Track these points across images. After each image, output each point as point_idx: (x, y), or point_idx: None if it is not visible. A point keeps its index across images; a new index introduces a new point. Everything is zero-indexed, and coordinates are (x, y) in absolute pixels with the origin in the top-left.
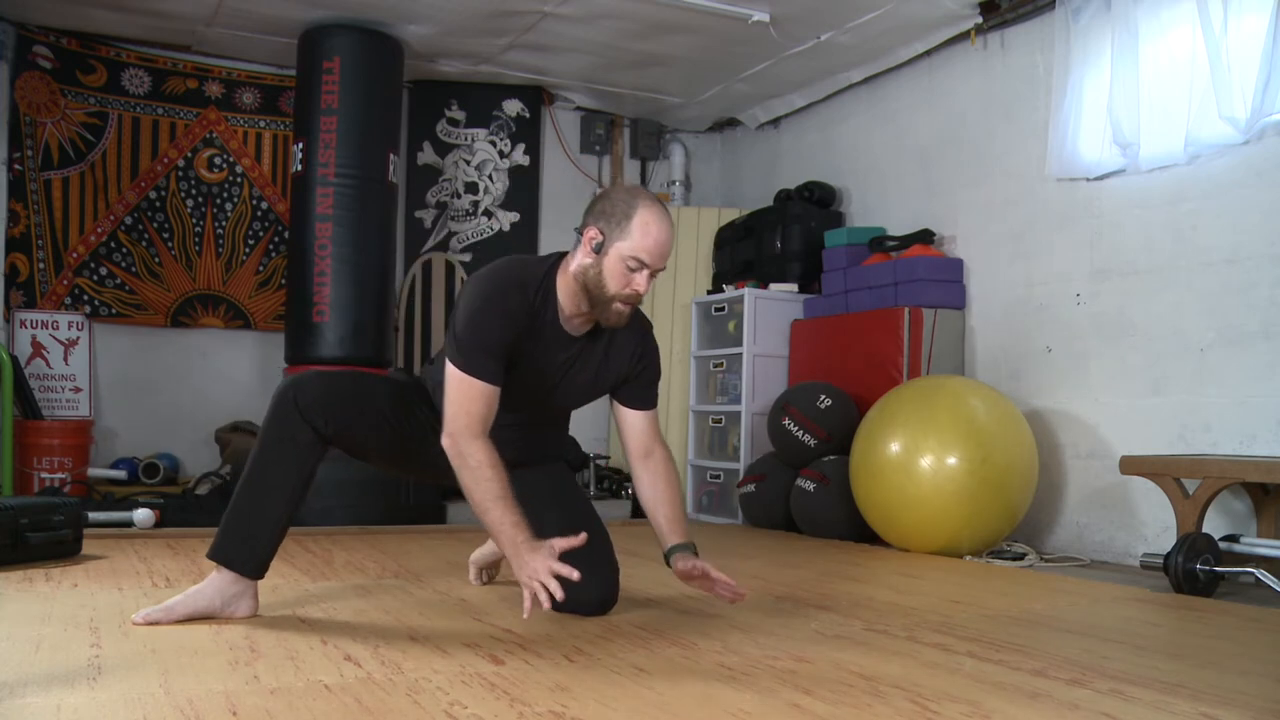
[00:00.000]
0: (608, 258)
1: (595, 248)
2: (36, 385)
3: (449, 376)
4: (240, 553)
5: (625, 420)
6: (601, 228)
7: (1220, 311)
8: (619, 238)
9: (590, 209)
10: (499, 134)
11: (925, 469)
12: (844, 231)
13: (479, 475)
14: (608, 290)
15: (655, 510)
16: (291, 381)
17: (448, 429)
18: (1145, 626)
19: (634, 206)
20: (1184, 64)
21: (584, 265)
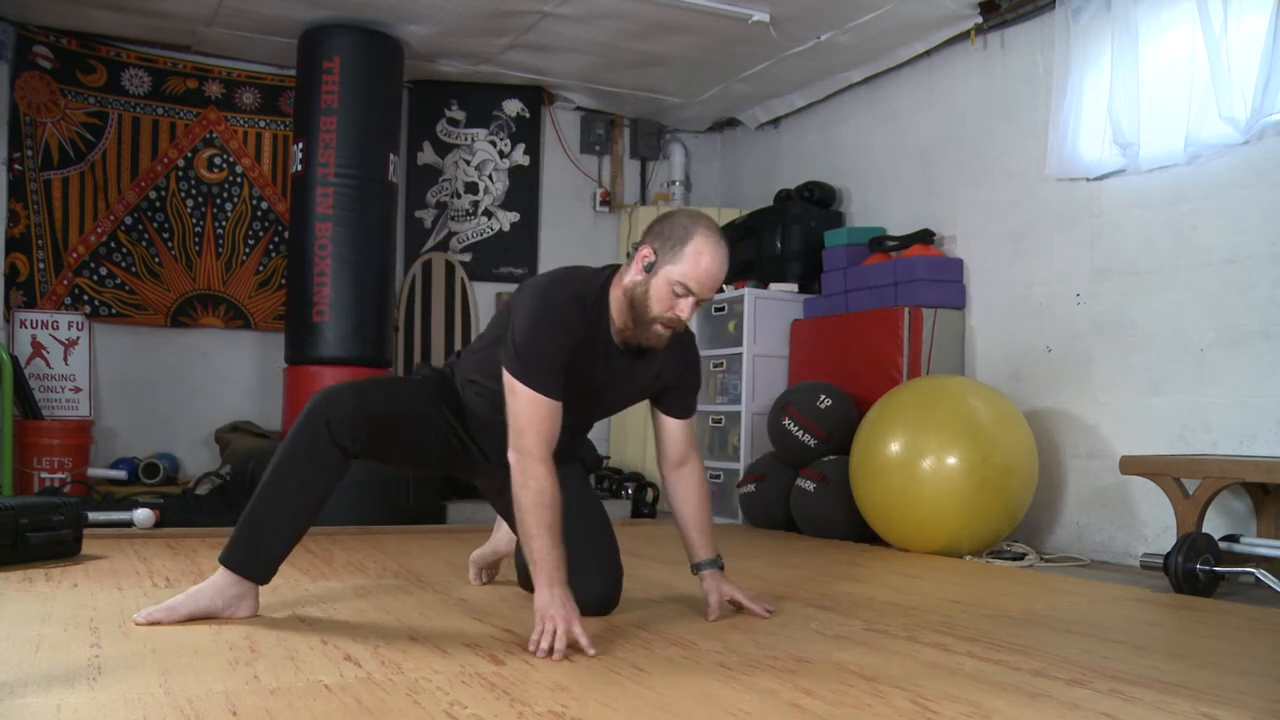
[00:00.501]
0: (656, 278)
1: (646, 266)
2: (36, 385)
3: (514, 392)
4: (250, 559)
5: (664, 427)
6: (656, 248)
7: (1220, 311)
8: (670, 261)
9: (648, 230)
10: (499, 134)
11: (925, 469)
12: (844, 231)
13: (539, 501)
14: (651, 310)
15: (687, 522)
16: (324, 399)
17: (515, 445)
18: (1145, 626)
19: (691, 233)
20: (1184, 64)
21: (634, 282)
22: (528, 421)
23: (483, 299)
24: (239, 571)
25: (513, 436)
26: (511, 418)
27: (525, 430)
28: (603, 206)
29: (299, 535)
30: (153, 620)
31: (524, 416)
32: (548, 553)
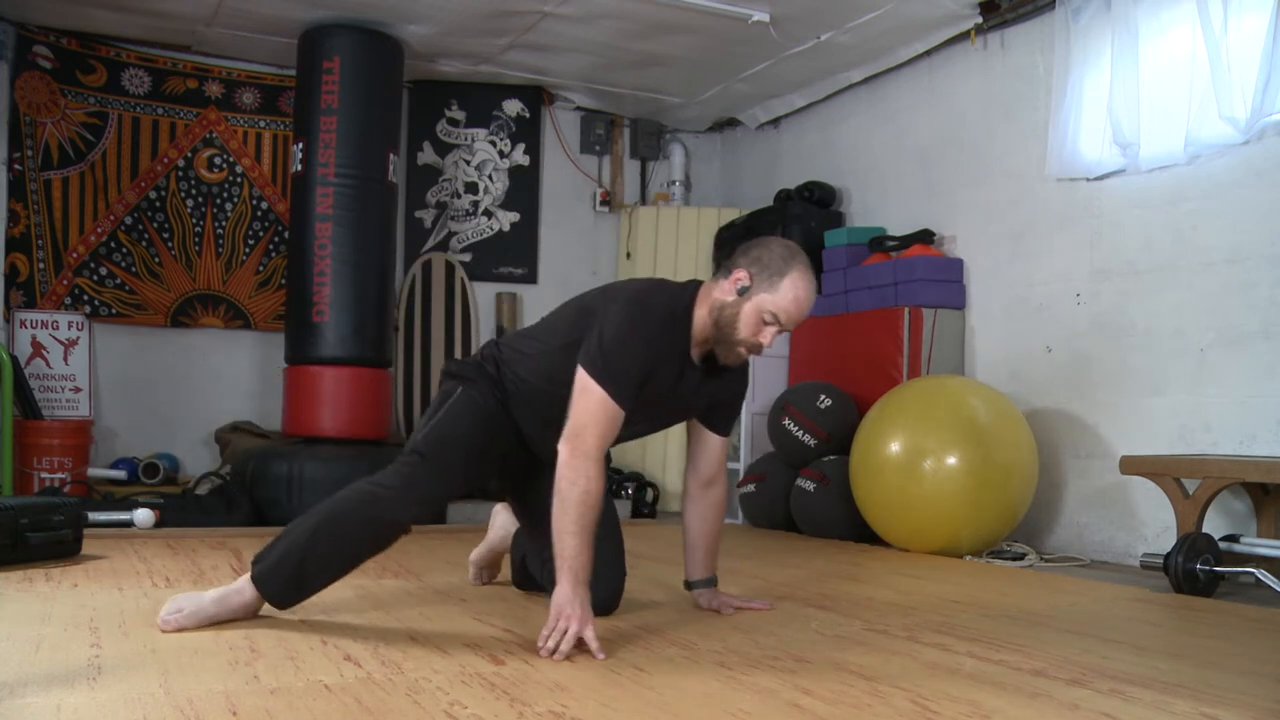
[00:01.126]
0: (749, 304)
1: (740, 290)
2: (36, 385)
3: (587, 389)
4: (284, 592)
5: (704, 442)
6: (753, 273)
7: (1220, 311)
8: (766, 290)
9: (745, 251)
10: (499, 134)
11: (925, 469)
12: (844, 231)
13: (584, 501)
14: (737, 333)
15: (698, 542)
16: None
17: (572, 441)
18: (1145, 626)
19: (790, 266)
20: (1184, 64)
21: (724, 302)
22: (593, 421)
23: (483, 299)
24: (269, 598)
25: (572, 430)
26: (576, 413)
27: (588, 428)
28: (603, 206)
29: (337, 580)
30: (181, 627)
31: (590, 415)
32: (579, 552)
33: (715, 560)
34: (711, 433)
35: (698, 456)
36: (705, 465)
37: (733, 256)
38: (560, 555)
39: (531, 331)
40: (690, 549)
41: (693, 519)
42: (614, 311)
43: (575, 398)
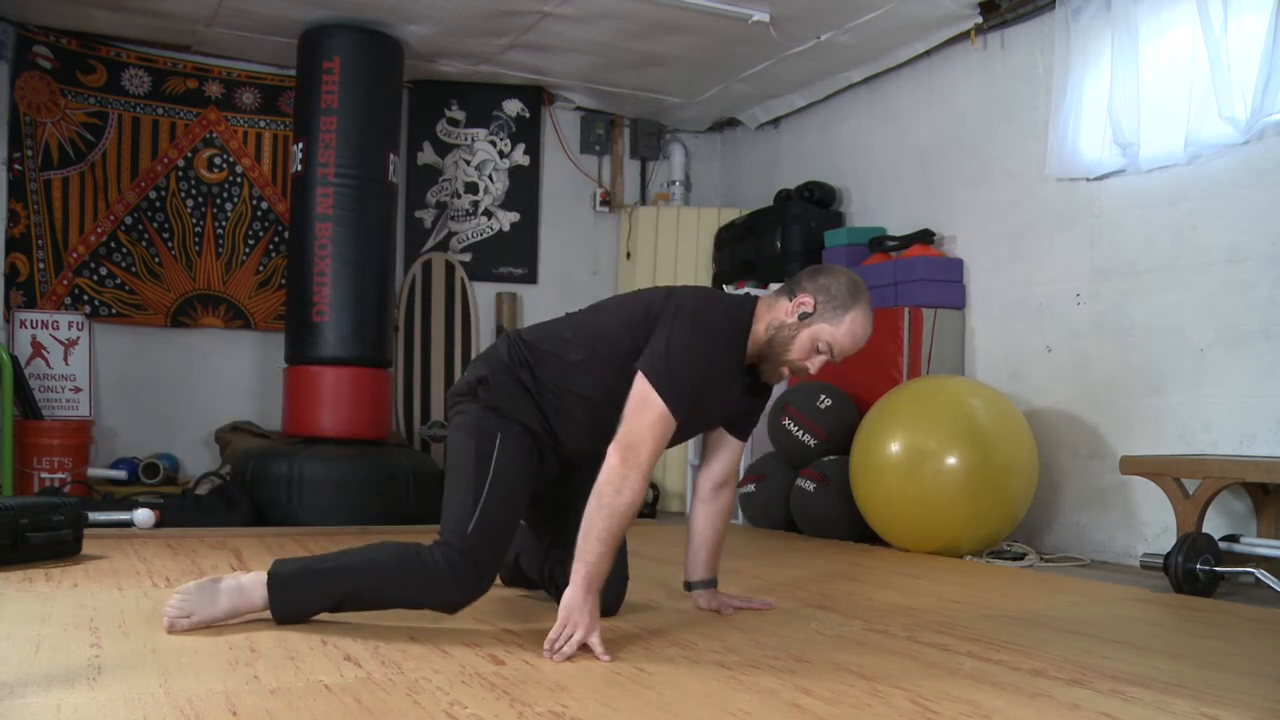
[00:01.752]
0: (807, 330)
1: (801, 315)
2: (36, 385)
3: (647, 400)
4: (292, 616)
5: (725, 445)
6: (818, 301)
7: (1220, 311)
8: (828, 320)
9: (814, 277)
10: (499, 134)
11: (925, 469)
12: (844, 231)
13: (624, 514)
14: (789, 355)
15: (703, 544)
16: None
17: (625, 452)
18: (1145, 626)
19: (856, 301)
20: (1184, 64)
21: (782, 323)
22: (650, 434)
23: (483, 299)
24: (277, 617)
25: (627, 440)
26: (635, 424)
27: (644, 441)
28: (603, 206)
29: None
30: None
31: (648, 428)
32: (601, 560)
33: (717, 563)
34: (734, 437)
35: (715, 459)
36: (721, 468)
37: (798, 279)
38: (582, 557)
39: (571, 334)
40: (694, 550)
41: (701, 520)
42: (682, 324)
43: (634, 407)
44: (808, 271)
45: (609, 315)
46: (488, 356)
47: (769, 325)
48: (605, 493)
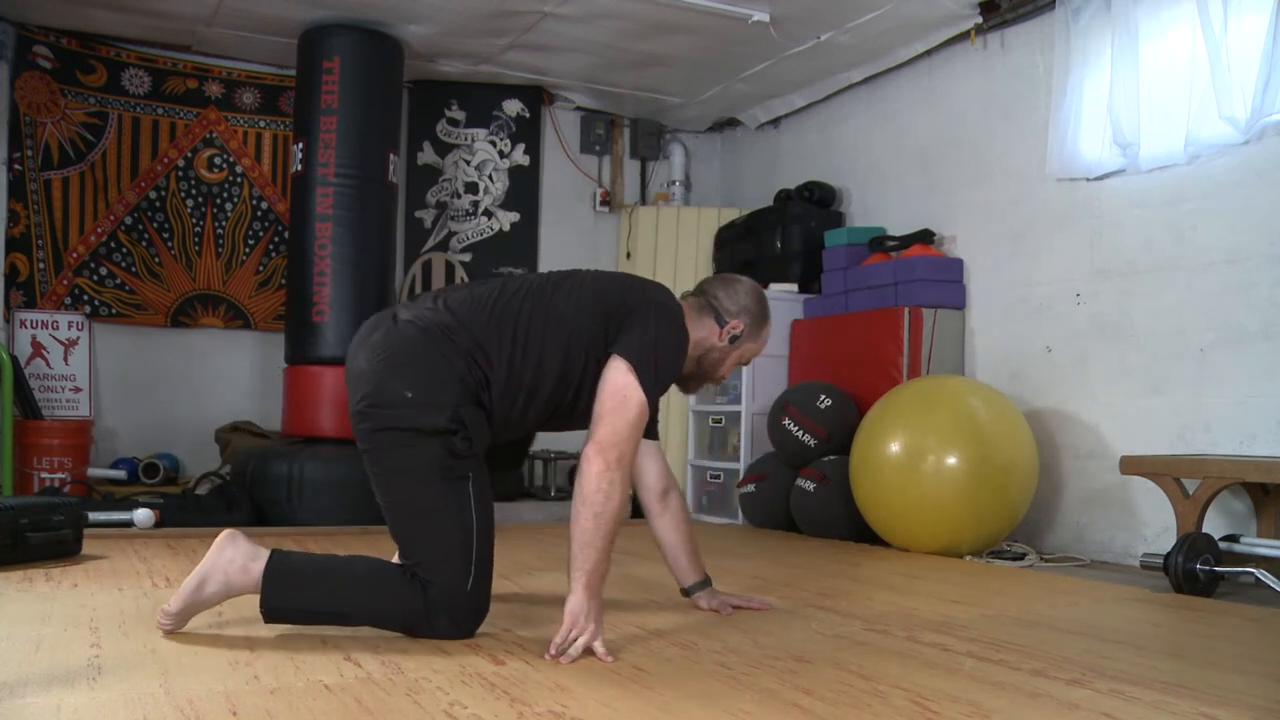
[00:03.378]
0: (736, 352)
1: (732, 339)
2: (36, 385)
3: (628, 400)
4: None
5: (646, 451)
6: (745, 324)
7: (1220, 311)
8: (751, 339)
9: (733, 297)
10: (499, 134)
11: (925, 469)
12: (844, 231)
13: (618, 516)
14: (717, 374)
15: (678, 548)
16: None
17: (607, 448)
18: (1145, 626)
19: (766, 314)
20: (1184, 64)
21: (713, 345)
22: (632, 432)
23: None
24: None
25: (608, 440)
26: (615, 422)
27: (627, 441)
28: (603, 206)
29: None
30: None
31: (629, 425)
32: (599, 564)
33: (700, 561)
34: (650, 440)
35: (646, 471)
36: (656, 477)
37: (718, 298)
38: (581, 565)
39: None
40: (673, 559)
41: (665, 529)
42: (663, 319)
43: (614, 403)
44: (724, 290)
45: (567, 298)
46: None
47: (696, 345)
48: (595, 501)
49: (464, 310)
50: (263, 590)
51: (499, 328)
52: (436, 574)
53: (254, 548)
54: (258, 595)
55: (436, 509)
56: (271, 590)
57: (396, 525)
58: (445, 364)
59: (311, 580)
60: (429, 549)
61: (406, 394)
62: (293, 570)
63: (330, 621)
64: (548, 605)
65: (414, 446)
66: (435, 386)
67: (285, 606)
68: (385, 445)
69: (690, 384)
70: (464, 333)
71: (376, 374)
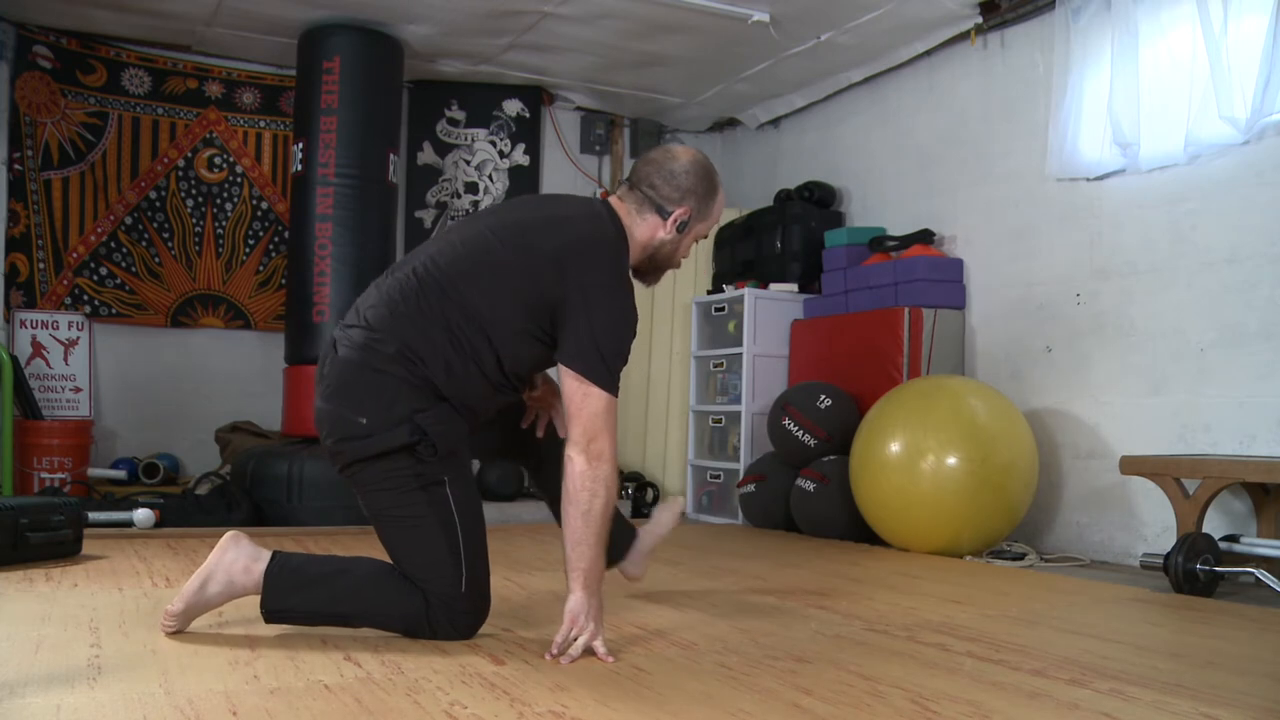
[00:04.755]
0: (687, 235)
1: (680, 226)
2: (36, 385)
3: (588, 395)
4: (280, 602)
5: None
6: (691, 207)
7: (1220, 311)
8: (701, 219)
9: (671, 180)
10: (499, 134)
11: (925, 469)
12: (844, 231)
13: (606, 512)
14: (675, 261)
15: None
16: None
17: (587, 450)
18: (1145, 626)
19: (715, 185)
20: (1184, 64)
21: (662, 240)
22: (604, 425)
23: None
24: (267, 605)
25: (584, 437)
26: (584, 420)
27: (601, 433)
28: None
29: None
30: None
31: (600, 420)
32: (595, 562)
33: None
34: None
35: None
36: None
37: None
38: (575, 564)
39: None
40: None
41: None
42: (595, 300)
43: (576, 406)
44: (661, 176)
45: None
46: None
47: (647, 246)
48: (581, 500)
49: (381, 321)
50: (264, 590)
51: (424, 332)
52: (430, 583)
53: (256, 549)
54: (259, 596)
55: (418, 519)
56: (272, 591)
57: (385, 541)
58: (382, 376)
59: (313, 582)
60: (418, 560)
61: (361, 421)
62: (294, 571)
63: (331, 623)
64: (548, 605)
65: (385, 466)
66: (384, 405)
67: (286, 607)
68: (361, 473)
69: (649, 278)
70: (390, 340)
71: (331, 411)
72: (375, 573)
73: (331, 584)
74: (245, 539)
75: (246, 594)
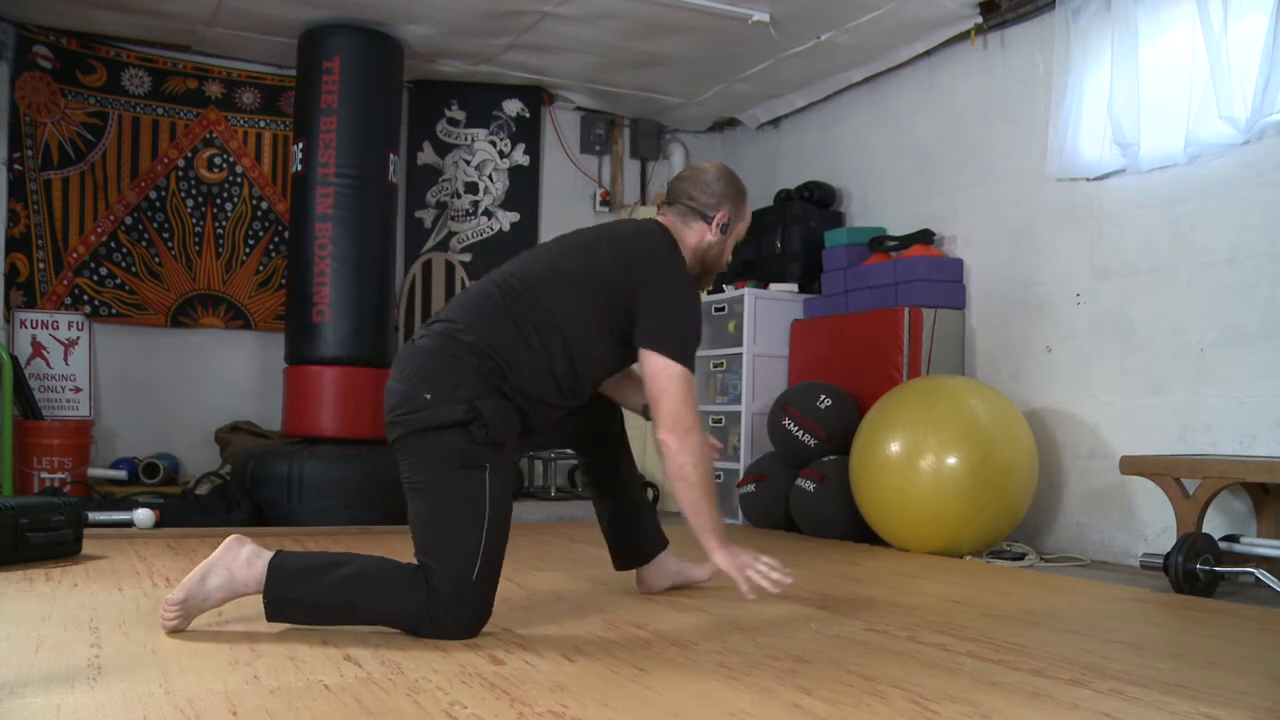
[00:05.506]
0: (730, 237)
1: (723, 228)
2: (36, 385)
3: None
4: (282, 592)
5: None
6: (729, 209)
7: (1220, 311)
8: (739, 219)
9: (707, 189)
10: (499, 134)
11: (925, 469)
12: (844, 231)
13: (708, 474)
14: (722, 262)
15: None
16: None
17: (673, 425)
18: (1145, 626)
19: (742, 188)
20: (1184, 64)
21: (710, 242)
22: (685, 399)
23: None
24: (268, 588)
25: (671, 418)
26: (668, 401)
27: (686, 409)
28: (603, 206)
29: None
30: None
31: (683, 398)
32: (714, 519)
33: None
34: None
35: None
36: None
37: (692, 196)
38: (703, 528)
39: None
40: None
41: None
42: (668, 286)
43: (660, 388)
44: (697, 188)
45: (571, 297)
46: (458, 372)
47: (697, 250)
48: (686, 472)
49: (462, 315)
50: (266, 581)
51: (503, 331)
52: (442, 560)
53: (259, 548)
54: (259, 596)
55: (451, 495)
56: (275, 581)
57: (413, 516)
58: (456, 362)
59: (316, 572)
60: (438, 537)
61: (425, 396)
62: (297, 563)
63: (333, 618)
64: (548, 605)
65: (435, 439)
66: (450, 384)
67: (288, 598)
68: (411, 445)
69: (702, 280)
70: (469, 331)
71: (400, 388)
72: (379, 564)
73: (334, 573)
74: (249, 541)
75: (247, 591)
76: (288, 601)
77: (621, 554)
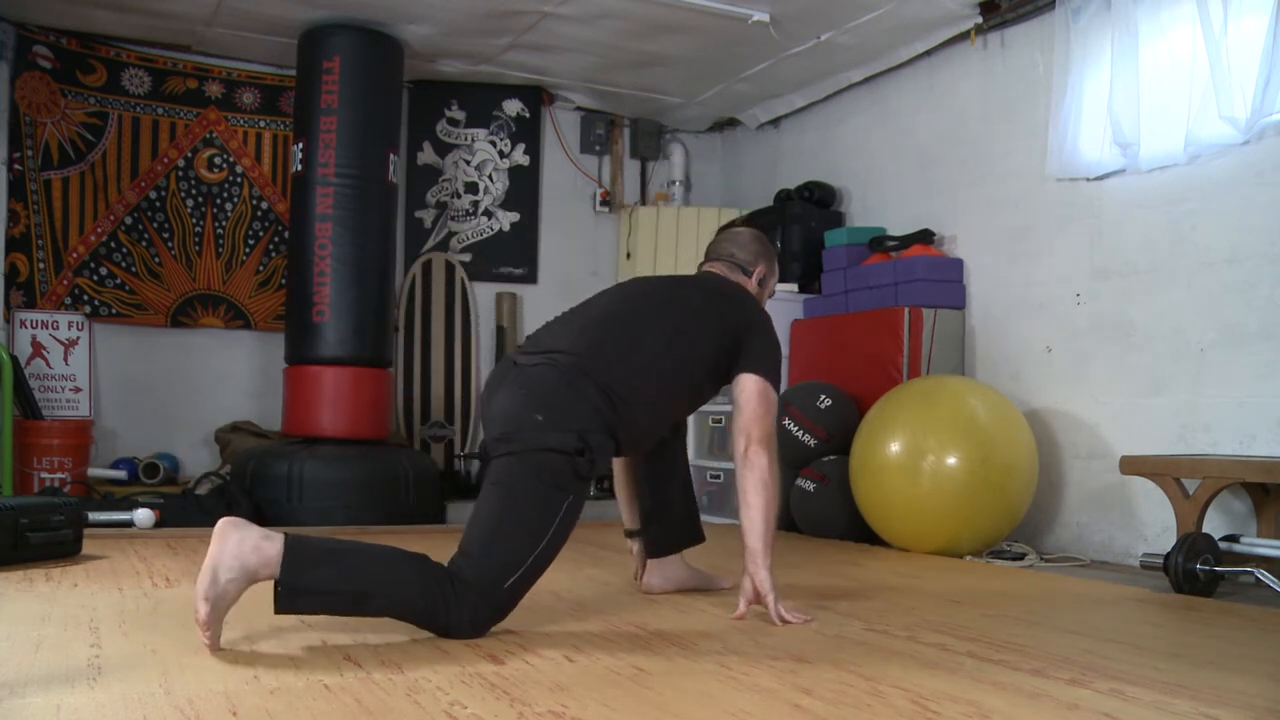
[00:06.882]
0: (765, 291)
1: (760, 281)
2: (36, 385)
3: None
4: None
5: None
6: (764, 265)
7: (1220, 311)
8: (772, 274)
9: (745, 248)
10: (499, 134)
11: (925, 469)
12: (844, 231)
13: (777, 484)
14: None
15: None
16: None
17: (764, 441)
18: (1145, 626)
19: (771, 247)
20: (1184, 64)
21: (754, 294)
22: (768, 417)
23: (483, 299)
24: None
25: (763, 436)
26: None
27: (767, 425)
28: (603, 206)
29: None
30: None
31: (763, 412)
32: (772, 530)
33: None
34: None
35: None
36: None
37: (732, 254)
38: (768, 541)
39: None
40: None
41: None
42: (766, 325)
43: (757, 408)
44: (737, 246)
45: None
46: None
47: None
48: (768, 483)
49: (589, 352)
50: (281, 565)
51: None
52: (488, 556)
53: (261, 529)
54: (269, 587)
55: (525, 502)
56: (290, 565)
57: (481, 504)
58: (581, 398)
59: (331, 555)
60: (496, 531)
61: (538, 418)
62: (312, 546)
63: (346, 606)
64: (548, 605)
65: (534, 458)
66: (568, 414)
67: (303, 583)
68: (509, 462)
69: None
70: (599, 373)
71: (516, 408)
72: (395, 551)
73: (351, 558)
74: (244, 521)
75: (259, 578)
76: (303, 588)
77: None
